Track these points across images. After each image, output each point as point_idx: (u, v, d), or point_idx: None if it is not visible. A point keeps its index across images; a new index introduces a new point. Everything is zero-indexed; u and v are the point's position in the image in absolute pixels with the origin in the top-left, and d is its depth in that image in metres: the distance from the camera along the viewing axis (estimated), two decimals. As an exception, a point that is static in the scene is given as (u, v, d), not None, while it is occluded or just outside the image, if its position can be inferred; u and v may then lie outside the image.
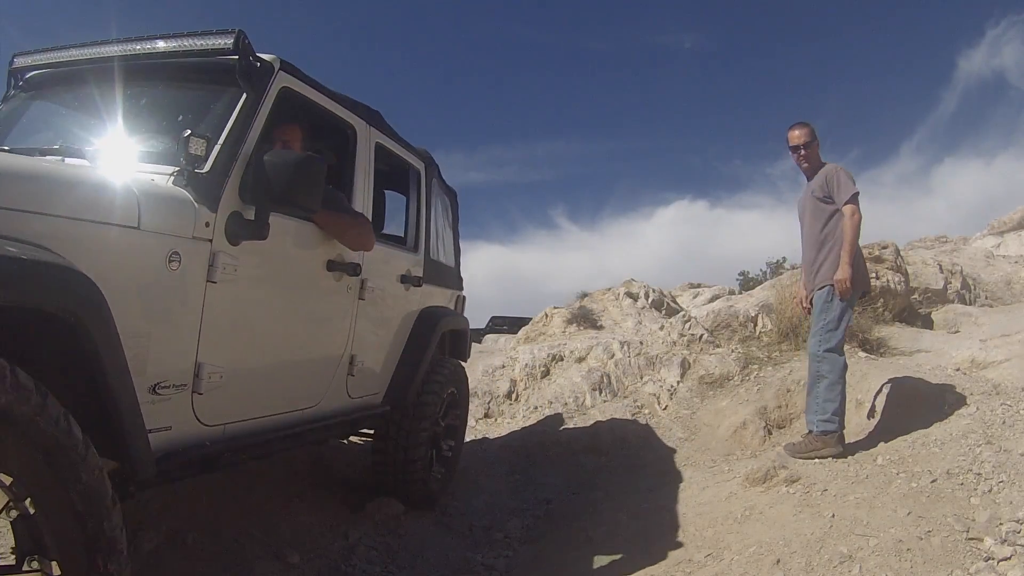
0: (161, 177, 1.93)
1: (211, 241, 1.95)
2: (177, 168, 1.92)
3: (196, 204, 1.90)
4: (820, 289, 3.49)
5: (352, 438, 4.12)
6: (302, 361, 2.58)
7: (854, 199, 3.43)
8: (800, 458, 3.34)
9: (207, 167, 1.96)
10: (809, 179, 3.69)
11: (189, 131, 1.88)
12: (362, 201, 2.90)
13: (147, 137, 2.24)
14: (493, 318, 21.55)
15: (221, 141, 2.04)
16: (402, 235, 3.72)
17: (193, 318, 1.92)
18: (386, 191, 4.03)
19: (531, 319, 8.95)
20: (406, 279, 3.41)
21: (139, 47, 2.28)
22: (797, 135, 3.62)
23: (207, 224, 1.93)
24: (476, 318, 21.61)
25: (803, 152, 3.61)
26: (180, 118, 2.22)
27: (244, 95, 2.14)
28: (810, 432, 3.37)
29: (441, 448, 3.80)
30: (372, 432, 3.47)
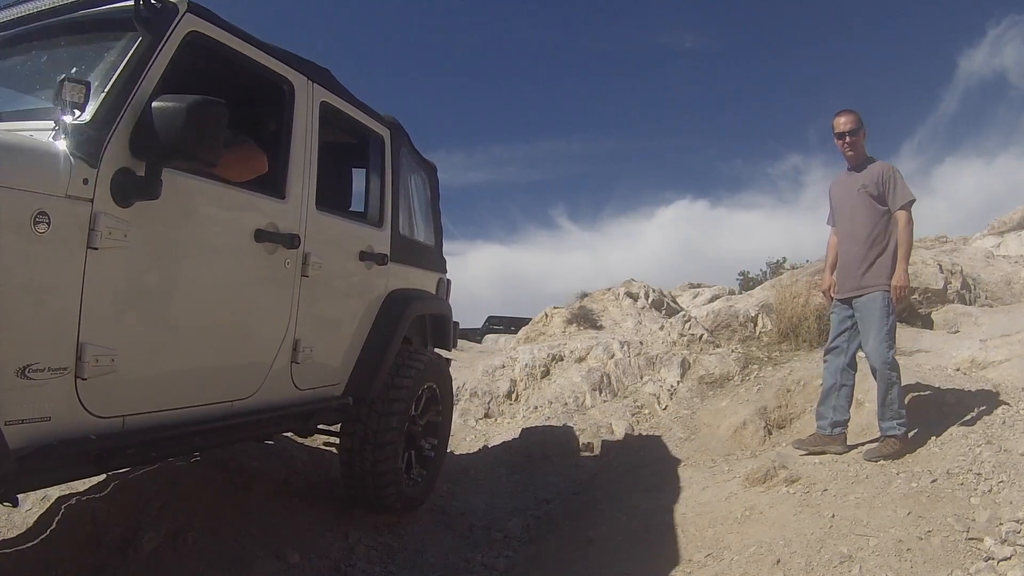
0: (44, 133, 1.72)
1: (92, 201, 1.69)
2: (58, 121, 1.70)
3: (72, 158, 1.66)
4: (874, 292, 3.44)
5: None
6: (226, 345, 2.25)
7: (910, 206, 3.42)
8: (886, 460, 3.30)
9: (88, 116, 1.72)
10: (851, 167, 3.64)
11: (64, 76, 1.66)
12: (303, 170, 2.54)
13: (45, 96, 2.04)
14: (490, 317, 21.59)
15: (107, 88, 1.79)
16: (363, 208, 3.37)
17: (71, 290, 1.66)
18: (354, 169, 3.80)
19: (528, 319, 8.95)
20: (368, 256, 3.07)
21: (37, 5, 2.11)
22: (843, 121, 3.55)
23: (85, 181, 1.67)
24: (476, 318, 21.70)
25: (848, 139, 3.55)
26: (75, 71, 1.99)
27: (140, 38, 1.90)
28: (892, 437, 3.34)
29: (422, 447, 3.48)
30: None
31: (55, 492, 3.03)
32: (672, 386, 5.56)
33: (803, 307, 6.19)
